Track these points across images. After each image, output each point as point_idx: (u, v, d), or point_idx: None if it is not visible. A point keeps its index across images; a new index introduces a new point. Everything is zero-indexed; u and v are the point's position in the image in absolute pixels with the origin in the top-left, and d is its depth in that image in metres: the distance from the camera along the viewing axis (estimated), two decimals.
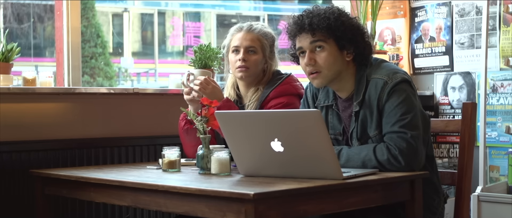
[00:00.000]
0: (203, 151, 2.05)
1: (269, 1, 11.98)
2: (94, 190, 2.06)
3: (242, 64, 2.43)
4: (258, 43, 2.46)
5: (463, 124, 2.19)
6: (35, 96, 2.66)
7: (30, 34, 10.02)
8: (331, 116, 2.14)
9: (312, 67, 2.05)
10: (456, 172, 2.20)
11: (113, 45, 11.25)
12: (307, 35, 2.05)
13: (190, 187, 1.73)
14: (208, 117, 2.06)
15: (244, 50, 2.44)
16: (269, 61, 2.49)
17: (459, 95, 3.55)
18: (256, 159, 1.87)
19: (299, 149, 1.79)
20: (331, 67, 2.04)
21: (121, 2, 11.65)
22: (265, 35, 2.49)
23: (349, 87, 2.10)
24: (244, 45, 2.45)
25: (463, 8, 3.51)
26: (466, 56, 3.51)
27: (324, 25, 2.02)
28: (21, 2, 10.09)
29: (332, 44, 2.05)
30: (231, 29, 2.53)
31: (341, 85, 2.10)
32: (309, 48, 2.06)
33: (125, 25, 11.42)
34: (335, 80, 2.08)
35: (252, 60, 2.44)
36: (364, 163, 1.96)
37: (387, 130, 1.98)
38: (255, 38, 2.46)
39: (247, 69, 2.44)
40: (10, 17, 9.88)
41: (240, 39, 2.46)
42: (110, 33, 11.08)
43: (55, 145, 2.65)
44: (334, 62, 2.05)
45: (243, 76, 2.45)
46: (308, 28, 2.04)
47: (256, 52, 2.45)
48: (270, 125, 1.80)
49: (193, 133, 2.33)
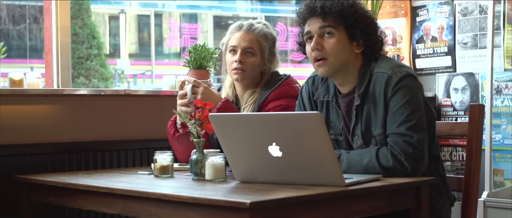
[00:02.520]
0: (197, 156, 1.96)
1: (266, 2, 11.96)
2: (82, 197, 1.98)
3: (238, 66, 2.34)
4: (257, 45, 2.36)
5: (471, 127, 2.11)
6: (22, 98, 2.58)
7: (25, 35, 9.96)
8: (332, 112, 2.05)
9: (318, 53, 1.96)
10: (463, 177, 2.11)
11: (110, 47, 11.23)
12: (317, 19, 1.97)
13: (183, 195, 1.64)
14: (202, 120, 1.96)
15: (242, 51, 2.34)
16: (268, 63, 2.39)
17: (462, 97, 3.50)
18: (253, 164, 1.79)
19: (298, 154, 1.71)
20: (338, 55, 1.95)
21: (117, 4, 11.63)
22: (265, 36, 2.38)
23: (352, 81, 2.00)
24: (242, 46, 2.35)
25: (466, 7, 3.46)
26: (469, 56, 3.46)
27: (336, 10, 1.94)
28: (17, 3, 10.02)
29: (343, 32, 1.96)
30: (231, 26, 2.43)
31: (345, 79, 2.01)
32: (317, 33, 1.97)
33: (122, 26, 11.40)
34: (340, 72, 1.99)
35: (249, 62, 2.34)
36: (366, 170, 1.87)
37: (392, 130, 1.89)
38: (254, 39, 2.36)
39: (243, 72, 2.34)
40: (6, 19, 9.82)
41: (238, 39, 2.36)
42: (107, 35, 11.06)
43: (43, 149, 2.58)
44: (342, 51, 1.96)
45: (239, 78, 2.36)
46: (319, 11, 1.95)
47: (254, 54, 2.35)
48: (267, 128, 1.72)
49: (184, 139, 2.24)
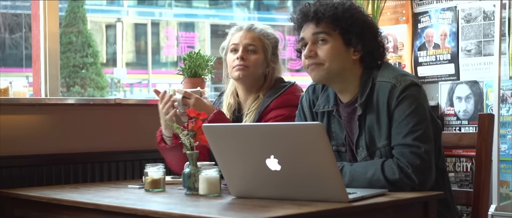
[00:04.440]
0: (190, 169, 1.87)
1: (263, 11, 11.95)
2: (66, 213, 1.89)
3: (240, 62, 2.25)
4: (259, 43, 2.28)
5: (480, 138, 2.02)
6: (8, 107, 2.49)
7: (21, 44, 9.89)
8: (333, 122, 1.96)
9: (311, 60, 1.88)
10: (472, 190, 2.02)
11: (107, 56, 11.19)
12: (311, 24, 1.89)
13: (174, 212, 1.54)
14: (196, 131, 1.85)
15: (243, 49, 2.27)
16: (272, 64, 2.31)
17: (466, 106, 3.43)
18: (249, 178, 1.69)
19: (298, 167, 1.61)
20: (333, 61, 1.87)
21: (114, 12, 11.61)
22: (267, 35, 2.31)
23: (352, 90, 1.91)
24: (244, 43, 2.27)
25: (470, 13, 3.39)
26: (473, 64, 3.39)
27: (330, 14, 1.85)
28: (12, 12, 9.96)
29: (337, 38, 1.87)
30: (231, 29, 2.36)
31: (344, 86, 1.92)
32: (311, 39, 1.89)
33: (119, 35, 11.38)
34: (337, 79, 1.90)
35: (251, 59, 2.26)
36: (371, 183, 1.78)
37: (397, 141, 1.80)
38: (256, 37, 2.29)
39: (246, 68, 2.25)
40: (1, 27, 9.77)
41: (239, 38, 2.29)
42: (103, 43, 11.03)
43: (29, 161, 2.48)
44: (337, 57, 1.87)
45: (241, 75, 2.25)
46: (312, 16, 1.87)
47: (256, 51, 2.27)
48: (265, 140, 1.63)
49: (177, 149, 2.13)
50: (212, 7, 11.98)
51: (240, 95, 2.35)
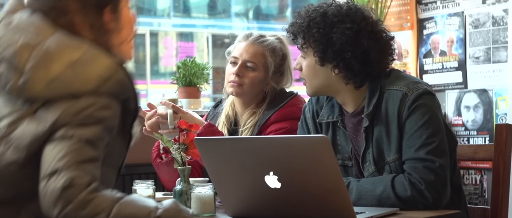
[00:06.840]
0: (181, 186, 1.74)
1: (262, 21, 11.90)
2: None
3: (235, 79, 2.11)
4: (261, 60, 2.13)
5: (497, 150, 1.91)
6: None
7: None
8: (338, 134, 1.84)
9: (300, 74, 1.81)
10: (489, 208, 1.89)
11: None
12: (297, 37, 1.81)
13: None
14: (188, 144, 1.72)
15: (241, 64, 2.12)
16: (272, 82, 2.15)
17: (475, 115, 3.32)
18: (247, 196, 1.57)
19: (300, 185, 1.49)
20: (312, 78, 1.78)
21: None
22: (274, 50, 2.15)
23: (355, 99, 1.78)
24: (243, 58, 2.13)
25: (478, 18, 3.30)
26: (481, 71, 3.28)
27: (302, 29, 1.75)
28: None
29: (311, 54, 1.76)
30: (240, 35, 2.21)
31: (341, 98, 1.81)
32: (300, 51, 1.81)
33: None
34: (329, 93, 1.81)
35: (248, 77, 2.12)
36: (380, 201, 1.65)
37: (409, 155, 1.67)
38: (259, 53, 2.13)
39: (240, 86, 2.11)
40: None
41: (240, 50, 2.14)
42: None
43: None
44: (314, 73, 1.77)
45: (234, 92, 2.13)
46: (290, 30, 1.80)
47: (255, 69, 2.12)
48: (264, 155, 1.51)
49: (169, 168, 1.98)
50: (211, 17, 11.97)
51: (237, 109, 2.21)
